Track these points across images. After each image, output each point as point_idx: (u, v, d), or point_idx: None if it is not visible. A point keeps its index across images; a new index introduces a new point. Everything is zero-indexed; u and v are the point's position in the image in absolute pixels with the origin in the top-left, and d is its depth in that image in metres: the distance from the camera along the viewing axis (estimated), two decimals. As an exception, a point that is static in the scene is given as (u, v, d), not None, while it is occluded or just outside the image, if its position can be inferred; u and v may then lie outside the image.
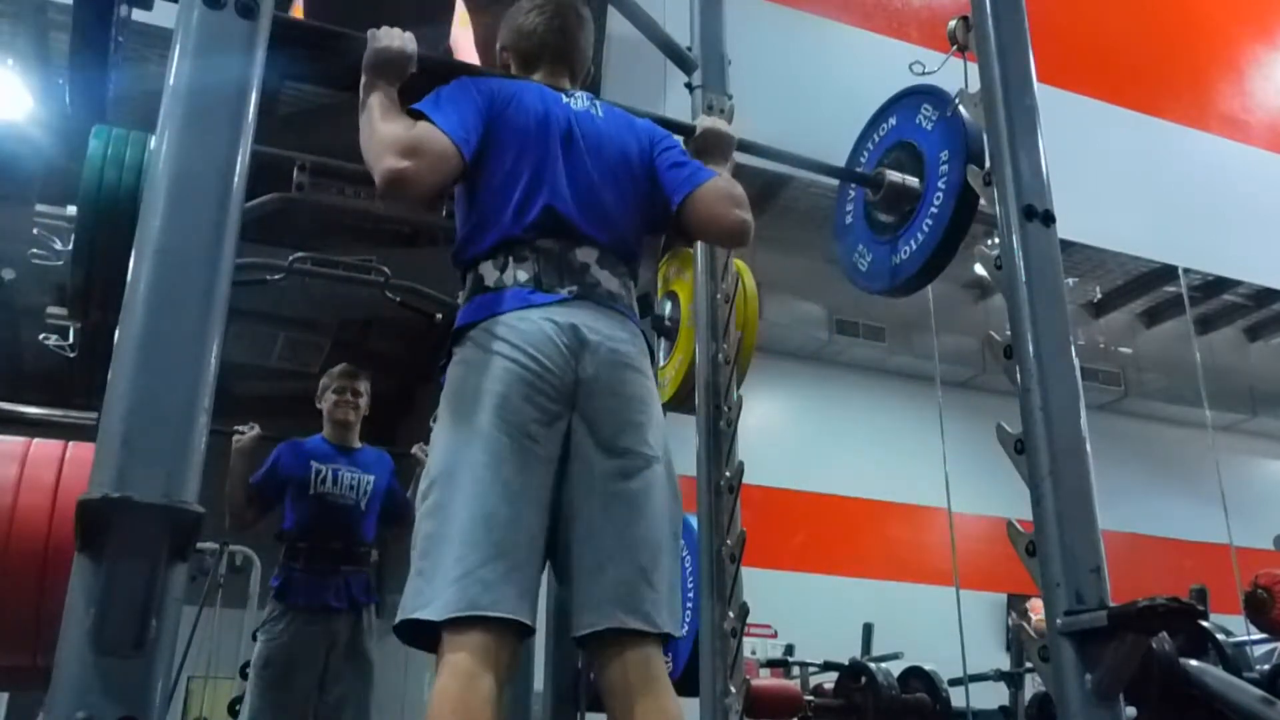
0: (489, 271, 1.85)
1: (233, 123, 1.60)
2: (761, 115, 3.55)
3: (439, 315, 4.30)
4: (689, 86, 3.03)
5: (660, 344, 3.30)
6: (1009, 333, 2.27)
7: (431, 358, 2.01)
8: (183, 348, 1.47)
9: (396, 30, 1.91)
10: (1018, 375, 2.22)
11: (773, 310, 7.03)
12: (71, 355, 2.88)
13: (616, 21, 4.29)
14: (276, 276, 3.80)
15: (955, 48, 2.55)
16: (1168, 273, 7.17)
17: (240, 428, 3.69)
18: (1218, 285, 7.49)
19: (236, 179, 1.59)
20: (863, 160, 2.94)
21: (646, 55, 3.24)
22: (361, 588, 3.68)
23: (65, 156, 4.69)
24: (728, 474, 2.64)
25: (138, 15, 1.99)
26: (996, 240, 2.36)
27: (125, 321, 1.47)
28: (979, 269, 2.58)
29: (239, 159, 1.59)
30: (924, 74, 2.73)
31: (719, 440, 2.68)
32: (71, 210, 2.57)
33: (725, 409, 2.69)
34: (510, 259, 1.83)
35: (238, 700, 4.13)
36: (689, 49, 3.04)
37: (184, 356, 1.46)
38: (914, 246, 2.67)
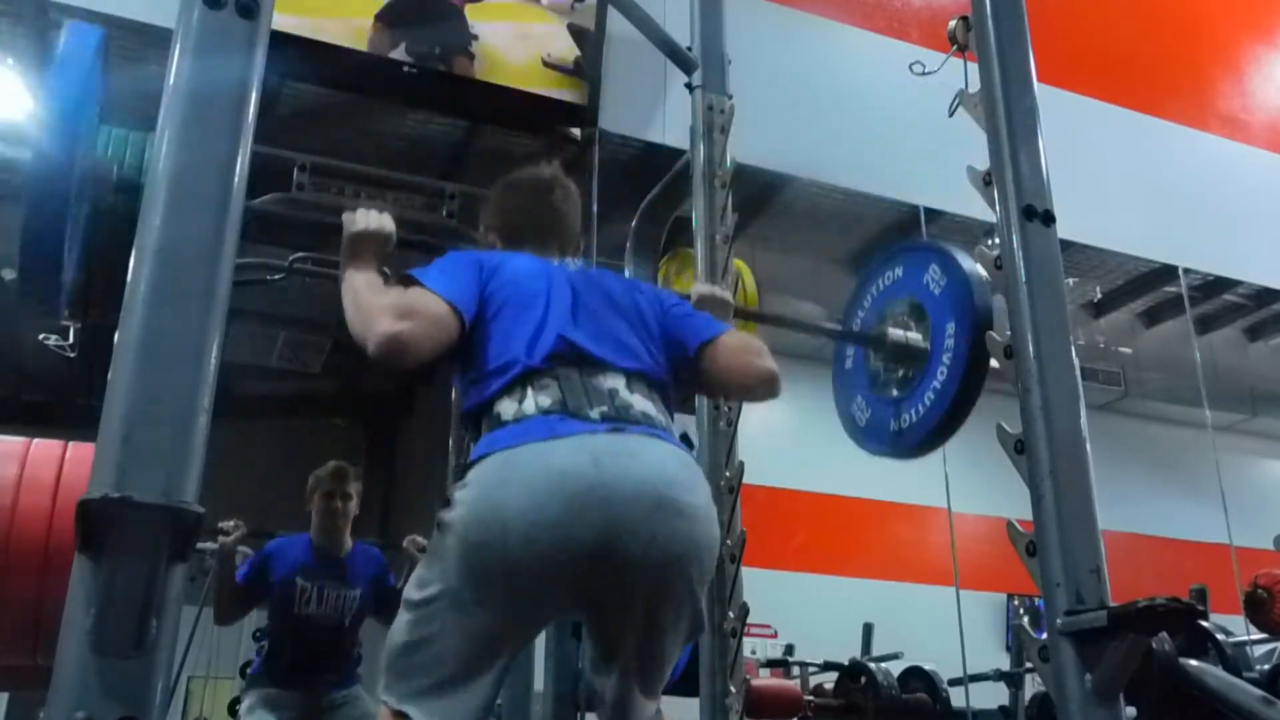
0: (507, 406, 1.62)
1: (233, 123, 1.60)
2: (761, 115, 3.55)
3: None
4: (689, 86, 3.03)
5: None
6: (1009, 333, 2.27)
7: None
8: (183, 348, 1.47)
9: (373, 211, 1.87)
10: (1018, 375, 2.22)
11: (773, 310, 7.02)
12: (71, 355, 2.88)
13: (616, 21, 4.30)
14: (276, 276, 3.80)
15: (955, 48, 2.55)
16: (1168, 273, 7.16)
17: (224, 525, 3.54)
18: (1218, 285, 7.47)
19: (236, 179, 1.59)
20: (866, 304, 2.79)
21: (646, 55, 3.24)
22: (344, 683, 3.62)
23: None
24: (728, 474, 2.64)
25: (138, 15, 2.00)
26: (996, 240, 2.37)
27: (125, 321, 1.46)
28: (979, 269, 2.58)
29: (239, 159, 1.59)
30: (924, 74, 2.73)
31: (719, 440, 2.68)
32: (71, 210, 2.57)
33: (725, 409, 2.69)
34: (529, 389, 1.62)
35: (238, 700, 4.12)
36: (689, 49, 3.04)
37: (184, 356, 1.46)
38: (915, 417, 2.54)
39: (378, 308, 1.65)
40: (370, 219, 1.85)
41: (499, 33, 4.76)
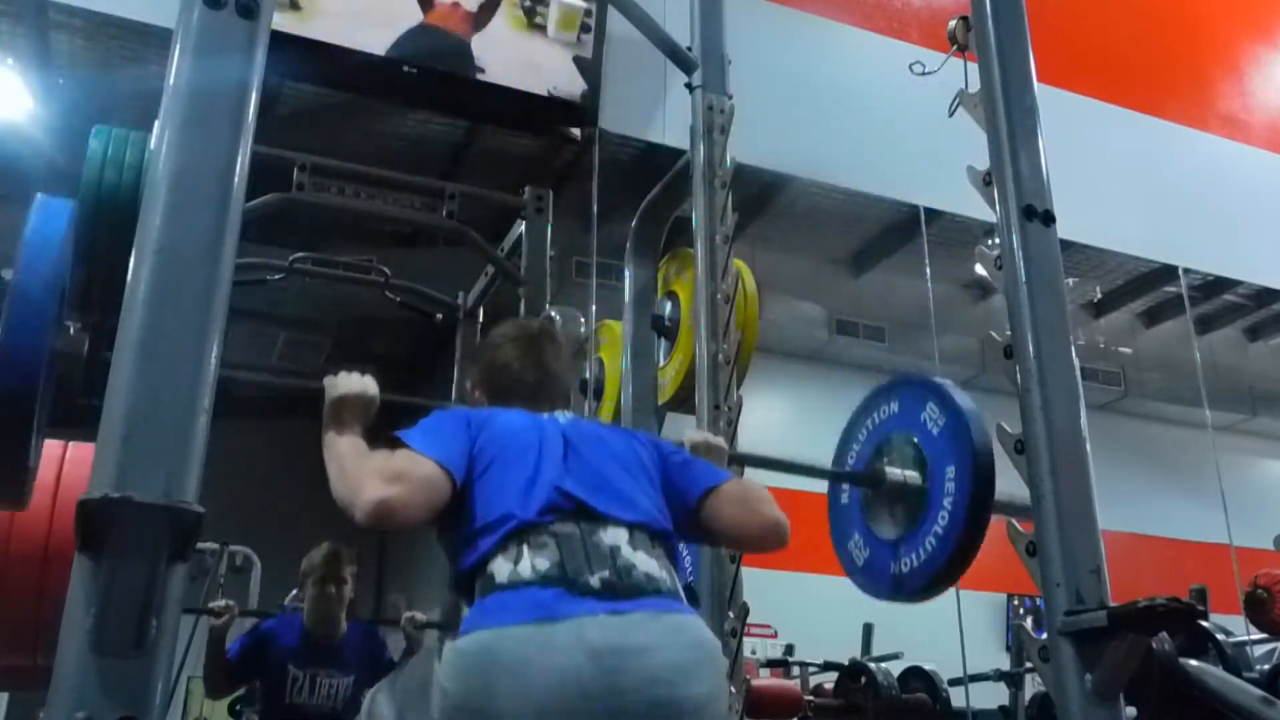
0: (501, 567, 1.53)
1: (233, 123, 1.61)
2: (761, 115, 3.55)
3: (439, 315, 4.30)
4: (689, 86, 3.03)
5: (660, 344, 3.30)
6: (1009, 333, 2.27)
7: (431, 358, 1.96)
8: (183, 348, 1.47)
9: (355, 375, 1.78)
10: (1018, 375, 2.22)
11: (773, 310, 7.02)
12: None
13: (616, 21, 4.30)
14: (276, 276, 3.79)
15: (955, 48, 2.55)
16: (1168, 273, 7.16)
17: (216, 606, 3.56)
18: (1218, 285, 7.48)
19: (236, 179, 1.59)
20: (861, 438, 2.70)
21: (646, 55, 3.23)
22: None
23: (65, 156, 4.70)
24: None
25: (138, 15, 1.98)
26: (996, 240, 2.37)
27: (125, 321, 1.47)
28: (979, 269, 2.57)
29: (239, 159, 1.60)
30: (924, 74, 2.73)
31: (720, 440, 2.67)
32: (71, 210, 2.57)
33: (725, 409, 2.69)
34: (525, 547, 1.53)
35: (238, 701, 4.12)
36: (689, 49, 3.04)
37: (184, 356, 1.47)
38: (916, 562, 2.44)
39: (364, 472, 1.56)
40: (352, 382, 1.76)
41: (506, 64, 4.77)
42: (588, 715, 1.40)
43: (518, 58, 4.77)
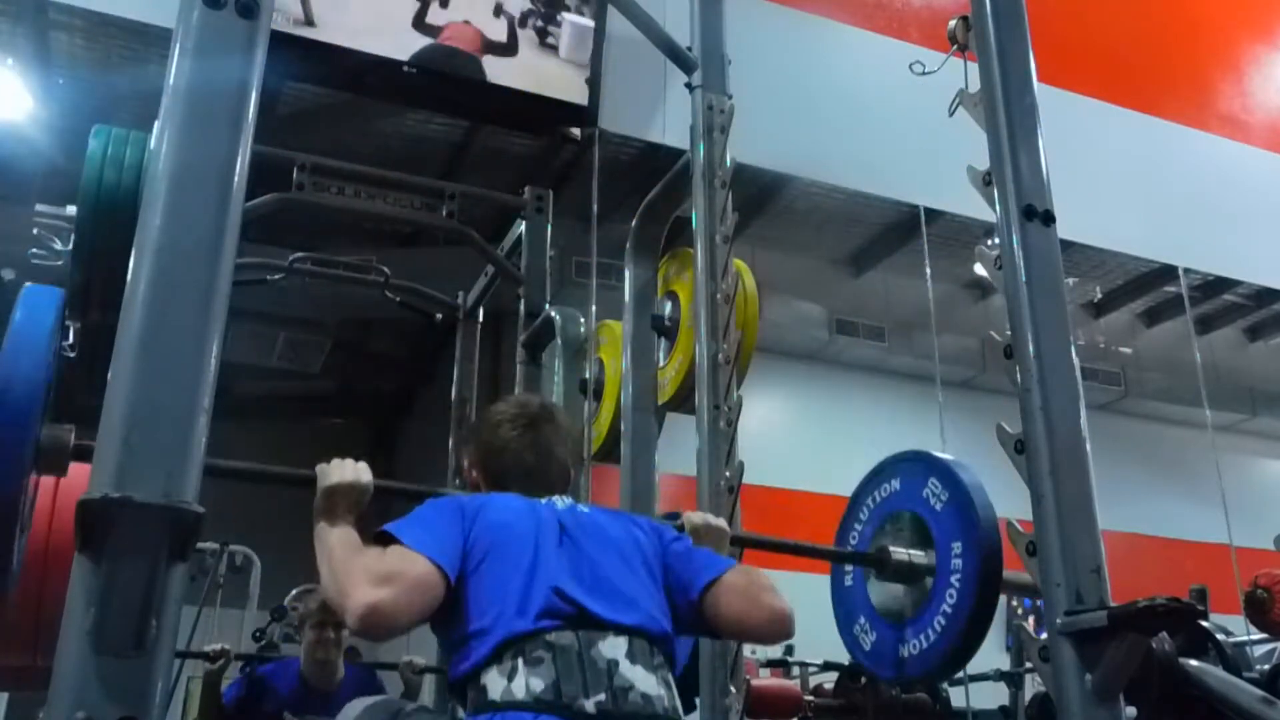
0: (494, 681, 1.49)
1: (233, 122, 1.61)
2: (762, 115, 3.55)
3: (439, 315, 4.30)
4: (689, 86, 3.03)
5: (660, 344, 3.30)
6: (1009, 333, 2.27)
7: (432, 358, 1.95)
8: (183, 348, 1.47)
9: (349, 462, 1.72)
10: (1018, 375, 2.22)
11: (773, 310, 7.02)
12: (71, 355, 2.88)
13: (616, 21, 4.30)
14: (276, 276, 3.80)
15: (955, 48, 2.55)
16: (1168, 273, 7.16)
17: (211, 649, 3.56)
18: (1218, 285, 7.48)
19: (236, 179, 1.59)
20: (863, 518, 2.65)
21: (646, 55, 3.23)
22: None
23: (65, 156, 4.70)
24: (728, 474, 2.64)
25: (138, 15, 1.97)
26: (996, 240, 2.36)
27: (125, 321, 1.47)
28: (979, 269, 2.57)
29: (239, 159, 1.59)
30: (924, 74, 2.73)
31: (719, 440, 2.68)
32: (71, 210, 2.57)
33: (725, 409, 2.69)
34: (520, 662, 1.49)
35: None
36: (689, 49, 3.04)
37: (184, 356, 1.46)
38: (925, 644, 2.37)
39: (354, 573, 1.50)
40: (345, 470, 1.69)
41: (517, 80, 4.77)
42: None
43: (528, 76, 4.79)
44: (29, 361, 1.60)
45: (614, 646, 1.54)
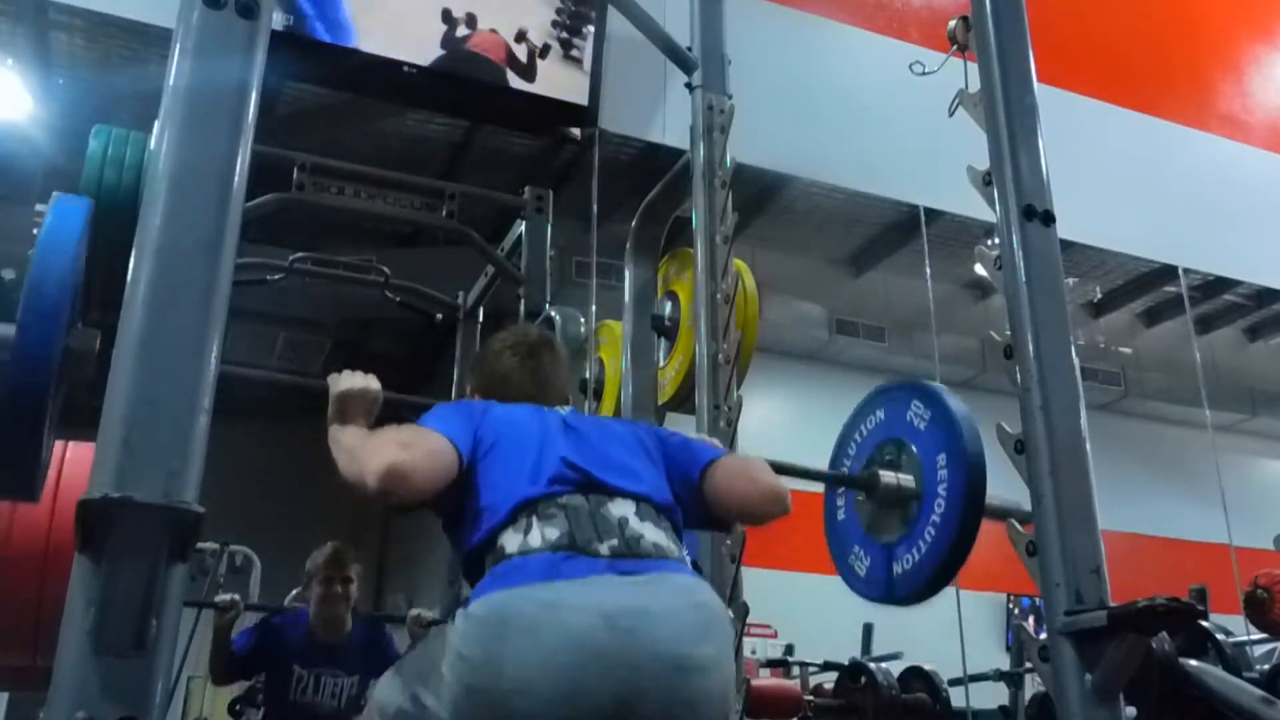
0: (511, 539, 1.55)
1: (233, 122, 1.61)
2: (762, 115, 3.55)
3: (439, 315, 4.30)
4: (689, 86, 3.03)
5: (660, 344, 3.30)
6: (1009, 333, 2.27)
7: (432, 358, 1.97)
8: (183, 348, 1.47)
9: (359, 372, 1.80)
10: (1018, 375, 2.22)
11: (773, 310, 7.02)
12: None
13: (616, 21, 4.30)
14: (276, 276, 3.79)
15: (955, 48, 2.55)
16: (1168, 273, 7.16)
17: (222, 600, 3.58)
18: (1218, 285, 7.48)
19: (236, 179, 1.59)
20: (850, 453, 2.71)
21: (646, 55, 3.24)
22: None
23: (65, 156, 4.70)
24: (728, 474, 2.63)
25: (138, 15, 1.97)
26: (996, 240, 2.37)
27: (125, 321, 1.47)
28: (979, 269, 2.57)
29: (239, 159, 1.60)
30: (924, 74, 2.73)
31: (719, 440, 2.68)
32: (71, 210, 2.56)
33: (725, 409, 2.69)
34: (534, 518, 1.56)
35: (238, 700, 4.12)
36: (689, 49, 3.04)
37: (184, 356, 1.47)
38: (916, 557, 2.45)
39: (373, 445, 1.59)
40: (355, 379, 1.78)
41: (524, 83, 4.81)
42: (600, 676, 1.41)
43: (544, 83, 4.83)
44: (60, 262, 1.64)
45: (623, 507, 1.61)
